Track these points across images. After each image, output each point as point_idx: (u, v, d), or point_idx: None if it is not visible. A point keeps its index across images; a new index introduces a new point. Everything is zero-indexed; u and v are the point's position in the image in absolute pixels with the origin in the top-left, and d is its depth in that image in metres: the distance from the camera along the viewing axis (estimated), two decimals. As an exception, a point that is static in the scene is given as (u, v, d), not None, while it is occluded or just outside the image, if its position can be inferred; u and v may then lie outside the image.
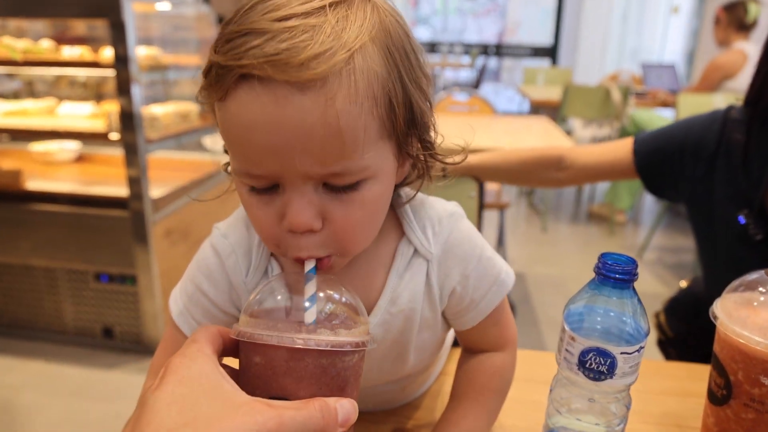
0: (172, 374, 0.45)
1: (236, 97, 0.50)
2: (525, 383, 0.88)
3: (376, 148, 0.53)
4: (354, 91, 0.49)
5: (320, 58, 0.47)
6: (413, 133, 0.57)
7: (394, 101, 0.53)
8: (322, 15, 0.49)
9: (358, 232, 0.57)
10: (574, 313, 0.63)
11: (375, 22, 0.52)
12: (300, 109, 0.48)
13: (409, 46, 0.55)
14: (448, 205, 0.72)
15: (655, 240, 4.01)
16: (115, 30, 2.11)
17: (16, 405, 2.17)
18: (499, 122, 3.05)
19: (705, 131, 1.16)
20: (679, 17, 7.24)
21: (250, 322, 0.51)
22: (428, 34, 8.79)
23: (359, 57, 0.50)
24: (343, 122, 0.49)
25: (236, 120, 0.51)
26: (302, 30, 0.48)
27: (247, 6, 0.51)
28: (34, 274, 2.51)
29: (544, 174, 1.36)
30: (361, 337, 0.52)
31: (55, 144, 2.88)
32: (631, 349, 0.58)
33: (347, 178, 0.52)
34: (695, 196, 1.19)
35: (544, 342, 2.69)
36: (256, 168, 0.52)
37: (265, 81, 0.48)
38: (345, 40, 0.49)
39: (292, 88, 0.48)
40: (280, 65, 0.47)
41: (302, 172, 0.51)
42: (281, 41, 0.47)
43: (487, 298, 0.71)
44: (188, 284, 0.70)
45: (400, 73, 0.53)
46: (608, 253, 0.61)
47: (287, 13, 0.48)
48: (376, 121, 0.52)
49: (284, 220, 0.54)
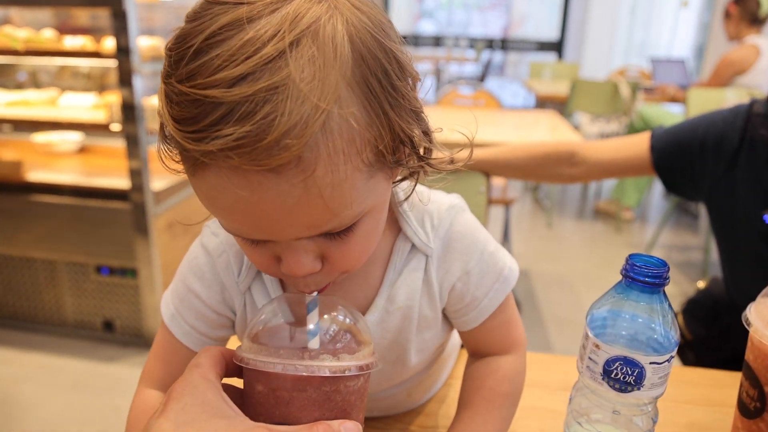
0: (175, 401, 0.45)
1: (205, 179, 0.44)
2: (540, 390, 0.85)
3: (367, 190, 0.48)
4: (334, 157, 0.43)
5: (291, 135, 0.40)
6: (404, 151, 0.51)
7: (379, 144, 0.46)
8: (283, 66, 0.40)
9: (359, 258, 0.54)
10: (597, 317, 0.60)
11: (347, 52, 0.43)
12: (278, 193, 0.43)
13: (389, 61, 0.47)
14: (448, 198, 0.68)
15: (663, 238, 3.97)
16: (117, 19, 2.07)
17: (16, 397, 2.16)
18: (506, 116, 3.00)
19: (727, 126, 1.12)
20: (689, 11, 7.15)
21: (253, 348, 0.50)
22: (433, 28, 8.74)
23: (335, 114, 0.42)
24: (326, 194, 0.44)
25: (210, 200, 0.46)
26: (264, 98, 0.39)
27: (193, 47, 0.42)
28: (35, 266, 2.48)
29: (556, 169, 1.33)
30: (365, 359, 0.50)
31: (57, 135, 2.85)
32: (660, 359, 0.55)
33: (341, 228, 0.48)
34: (716, 194, 1.15)
35: (550, 342, 2.66)
36: (243, 235, 0.49)
37: (233, 167, 0.41)
38: (316, 101, 0.41)
39: (265, 172, 0.41)
40: (245, 152, 0.40)
41: (292, 237, 0.47)
42: (241, 119, 0.39)
43: (489, 295, 0.67)
44: (179, 286, 0.67)
45: (383, 108, 0.46)
46: (637, 254, 0.57)
47: (241, 72, 0.40)
48: (362, 172, 0.46)
49: (282, 265, 0.51)
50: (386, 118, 0.46)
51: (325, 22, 0.43)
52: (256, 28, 0.41)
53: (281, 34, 0.41)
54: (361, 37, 0.45)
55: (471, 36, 8.22)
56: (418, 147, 0.52)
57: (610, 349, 0.56)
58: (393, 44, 0.48)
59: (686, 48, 7.19)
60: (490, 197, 2.73)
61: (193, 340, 0.66)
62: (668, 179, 1.22)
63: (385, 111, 0.46)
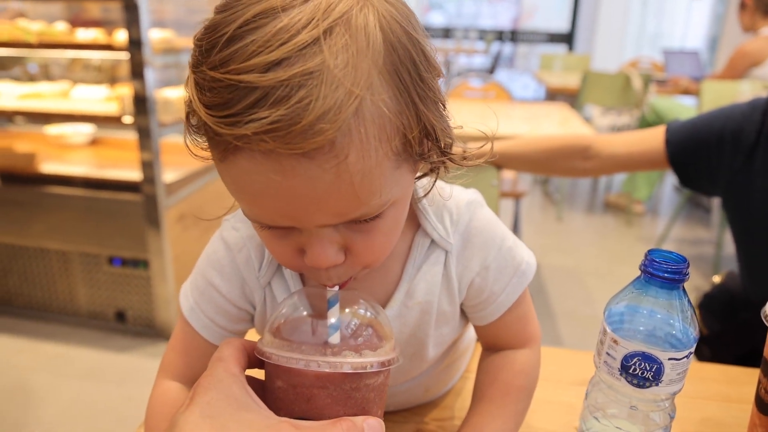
0: (201, 395, 0.45)
1: (236, 164, 0.44)
2: (555, 384, 0.84)
3: (394, 180, 0.48)
4: (366, 143, 0.44)
5: (324, 119, 0.40)
6: (428, 145, 0.52)
7: (408, 134, 0.47)
8: (317, 51, 0.41)
9: (382, 252, 0.54)
10: (615, 313, 0.59)
11: (379, 41, 0.44)
12: (309, 177, 0.43)
13: (417, 53, 0.48)
14: (466, 193, 0.68)
15: (675, 231, 3.94)
16: (129, 12, 2.08)
17: (29, 386, 2.18)
18: (516, 109, 2.99)
19: (745, 120, 1.11)
20: (703, 1, 7.07)
21: (274, 343, 0.50)
22: (442, 20, 8.70)
23: (367, 101, 0.43)
24: (357, 180, 0.44)
25: (239, 185, 0.46)
26: (298, 83, 0.40)
27: (225, 35, 0.42)
28: (48, 257, 2.50)
29: (569, 163, 1.32)
30: (387, 355, 0.50)
31: (69, 127, 2.87)
32: (679, 355, 0.54)
33: (367, 217, 0.49)
34: (732, 188, 1.14)
35: (560, 335, 2.66)
36: (268, 222, 0.49)
37: (266, 151, 0.42)
38: (350, 86, 0.41)
39: (298, 156, 0.42)
40: (280, 136, 0.41)
41: (317, 224, 0.47)
42: (276, 103, 0.40)
43: (507, 290, 0.67)
44: (199, 279, 0.67)
45: (411, 98, 0.47)
46: (656, 249, 0.57)
47: (276, 57, 0.40)
48: (391, 160, 0.47)
49: (305, 257, 0.51)
50: (414, 107, 0.47)
51: (357, 12, 0.43)
52: (290, 16, 0.41)
53: (315, 22, 0.41)
54: (392, 28, 0.46)
55: (480, 28, 8.17)
56: (440, 141, 0.52)
57: (629, 345, 0.56)
58: (421, 37, 0.49)
59: (700, 39, 7.11)
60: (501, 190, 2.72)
61: (212, 334, 0.67)
62: (684, 173, 1.21)
63: (413, 101, 0.47)
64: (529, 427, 0.76)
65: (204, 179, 2.60)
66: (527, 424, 0.76)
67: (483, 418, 0.67)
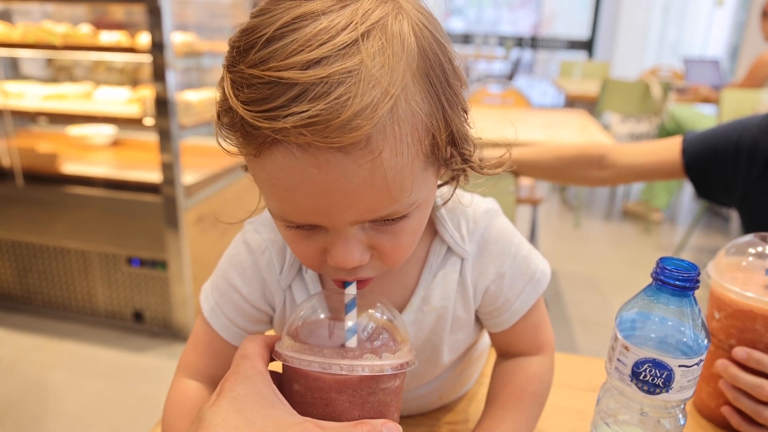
0: (228, 391, 0.47)
1: (271, 158, 0.45)
2: (566, 389, 0.85)
3: (422, 181, 0.50)
4: (399, 141, 0.45)
5: (362, 116, 0.42)
6: (453, 151, 0.54)
7: (437, 136, 0.49)
8: (356, 52, 0.43)
9: (405, 253, 0.55)
10: (626, 320, 0.60)
11: (413, 48, 0.46)
12: (344, 172, 0.44)
13: (446, 60, 0.50)
14: (483, 202, 0.70)
15: (693, 240, 3.90)
16: (152, 15, 2.11)
17: (48, 384, 2.21)
18: (535, 116, 2.99)
19: (761, 133, 1.10)
20: (724, 10, 7.00)
21: (293, 346, 0.51)
22: (462, 26, 8.69)
23: (402, 101, 0.45)
24: (390, 177, 0.46)
25: (273, 180, 0.47)
26: (338, 81, 0.42)
27: (265, 36, 0.44)
28: (68, 256, 2.54)
29: (585, 172, 1.32)
30: (403, 358, 0.51)
31: (91, 128, 2.91)
32: (690, 362, 0.55)
33: (395, 216, 0.50)
34: (749, 200, 1.13)
35: (576, 342, 2.64)
36: (298, 220, 0.50)
37: (303, 145, 0.43)
38: (386, 86, 0.43)
39: (335, 151, 0.43)
40: (319, 130, 0.42)
41: (349, 222, 0.49)
42: (316, 98, 0.42)
43: (521, 297, 0.68)
44: (220, 280, 0.69)
45: (441, 102, 0.49)
46: (668, 257, 0.57)
47: (316, 55, 0.42)
48: (420, 161, 0.48)
49: (329, 256, 0.52)
50: (443, 111, 0.49)
51: (393, 18, 0.46)
52: (329, 19, 0.44)
53: (353, 25, 0.43)
54: (424, 35, 0.48)
55: (500, 34, 8.16)
56: (462, 148, 0.54)
57: (640, 351, 0.56)
58: (448, 45, 0.51)
59: (720, 48, 7.04)
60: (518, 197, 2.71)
61: (232, 334, 0.68)
62: (700, 184, 1.20)
63: (442, 104, 0.49)
64: (540, 431, 0.77)
65: (223, 182, 2.62)
66: (539, 429, 0.77)
67: (495, 422, 0.68)
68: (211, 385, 0.68)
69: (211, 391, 0.67)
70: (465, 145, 0.54)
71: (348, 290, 0.53)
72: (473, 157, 0.56)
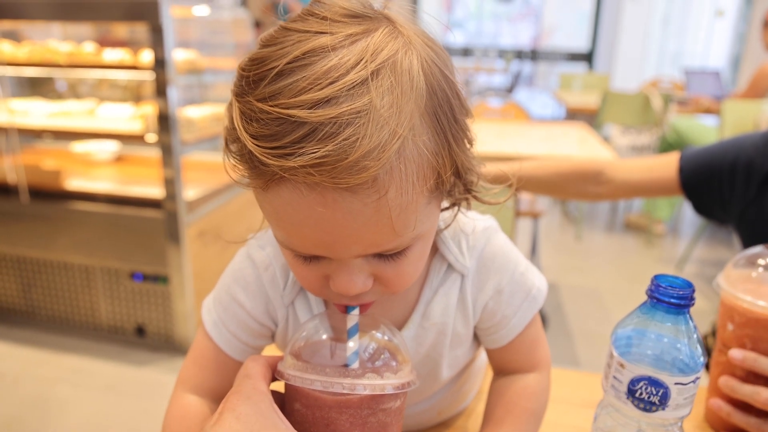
0: (230, 411, 0.47)
1: (279, 194, 0.46)
2: (565, 406, 0.85)
3: (425, 214, 0.51)
4: (405, 181, 0.46)
5: (370, 157, 0.42)
6: (457, 183, 0.55)
7: (442, 173, 0.49)
8: (365, 92, 0.43)
9: (408, 281, 0.56)
10: (622, 336, 0.60)
11: (421, 85, 0.47)
12: (350, 210, 0.45)
13: (453, 96, 0.50)
14: (483, 219, 0.70)
15: (696, 252, 3.89)
16: (154, 34, 2.14)
17: (50, 398, 2.21)
18: (534, 129, 2.99)
19: (757, 153, 1.11)
20: (724, 20, 7.01)
21: (296, 365, 0.51)
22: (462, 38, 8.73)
23: (409, 140, 0.45)
24: (395, 214, 0.46)
25: (280, 214, 0.48)
26: (347, 121, 0.42)
27: (275, 69, 0.44)
28: (71, 271, 2.55)
29: (582, 187, 1.32)
30: (405, 378, 0.51)
31: (94, 144, 2.93)
32: (686, 380, 0.55)
33: (399, 249, 0.51)
34: (746, 218, 1.14)
35: (577, 356, 2.63)
36: (302, 251, 0.51)
37: (311, 184, 0.44)
38: (394, 127, 0.43)
39: (342, 190, 0.44)
40: (327, 170, 0.42)
41: (352, 255, 0.49)
42: (325, 139, 0.42)
43: (518, 314, 0.69)
44: (223, 295, 0.69)
45: (447, 139, 0.49)
46: (662, 275, 0.57)
47: (326, 94, 0.42)
48: (425, 197, 0.49)
49: (332, 282, 0.52)
50: (449, 148, 0.50)
51: (402, 56, 0.46)
52: (339, 56, 0.44)
53: (363, 63, 0.44)
54: (432, 72, 0.48)
55: (500, 46, 8.20)
56: (466, 179, 0.55)
57: (635, 369, 0.57)
58: (456, 79, 0.51)
59: (721, 59, 7.06)
60: (519, 209, 2.72)
61: (234, 349, 0.68)
62: (697, 201, 1.21)
63: (449, 142, 0.49)
64: (538, 448, 0.77)
65: (224, 197, 2.64)
66: (537, 445, 0.77)
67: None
68: (212, 401, 0.69)
69: (212, 407, 0.68)
70: (468, 176, 0.55)
71: (351, 314, 0.54)
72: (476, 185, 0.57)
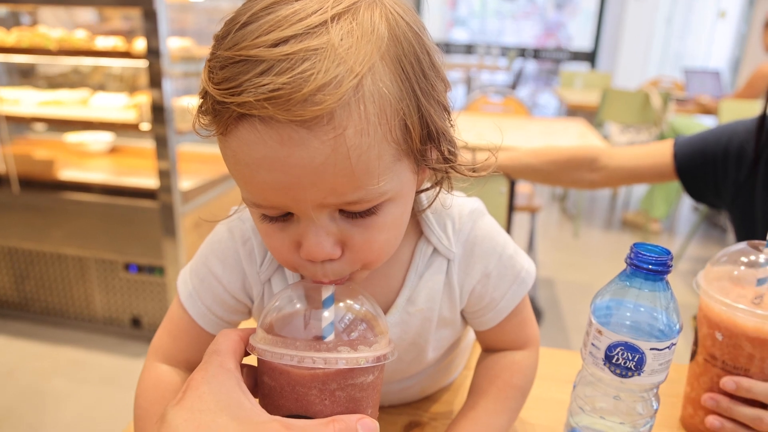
0: (194, 390, 0.46)
1: (237, 135, 0.46)
2: (548, 381, 0.84)
3: (393, 171, 0.49)
4: (365, 121, 0.45)
5: (325, 90, 0.42)
6: (431, 147, 0.53)
7: (408, 122, 0.48)
8: (323, 33, 0.43)
9: (379, 252, 0.54)
10: (601, 306, 0.60)
11: (384, 33, 0.47)
12: (307, 148, 0.44)
13: (422, 51, 0.50)
14: (468, 202, 0.69)
15: (691, 250, 3.89)
16: (148, 20, 2.12)
17: (46, 390, 2.21)
18: (533, 124, 2.99)
19: (750, 135, 1.11)
20: (726, 22, 7.01)
21: (267, 339, 0.49)
22: (466, 36, 8.73)
23: (368, 81, 0.45)
24: (354, 157, 0.45)
25: (239, 157, 0.47)
26: (302, 57, 0.42)
27: (240, 21, 0.45)
28: (66, 263, 2.55)
29: (577, 174, 1.32)
30: (381, 350, 0.49)
31: (88, 135, 2.91)
32: (661, 345, 0.54)
33: (364, 205, 0.49)
34: (737, 203, 1.14)
35: (573, 350, 2.62)
36: (265, 202, 0.50)
37: (266, 120, 0.44)
38: (351, 64, 0.43)
39: (297, 126, 0.43)
40: (281, 103, 0.42)
41: (315, 204, 0.48)
42: (280, 73, 0.42)
43: (507, 297, 0.68)
44: (200, 266, 0.68)
45: (413, 89, 0.48)
46: (641, 243, 0.57)
47: (284, 35, 0.43)
48: (390, 147, 0.48)
49: (301, 249, 0.51)
50: (415, 98, 0.49)
51: (365, 6, 0.47)
52: (302, 3, 0.45)
53: (324, 9, 0.45)
54: (398, 23, 0.49)
55: (504, 45, 8.19)
56: (442, 146, 0.53)
57: (612, 335, 0.56)
58: (427, 41, 0.51)
59: (723, 59, 7.05)
60: (516, 204, 2.71)
61: (208, 322, 0.67)
62: (691, 186, 1.21)
63: (414, 91, 0.49)
64: (523, 422, 0.77)
65: (220, 188, 2.63)
66: (521, 419, 0.77)
67: (476, 412, 0.68)
68: (185, 370, 0.68)
69: (184, 376, 0.67)
70: (445, 143, 0.54)
71: (325, 291, 0.52)
72: (456, 159, 0.56)
